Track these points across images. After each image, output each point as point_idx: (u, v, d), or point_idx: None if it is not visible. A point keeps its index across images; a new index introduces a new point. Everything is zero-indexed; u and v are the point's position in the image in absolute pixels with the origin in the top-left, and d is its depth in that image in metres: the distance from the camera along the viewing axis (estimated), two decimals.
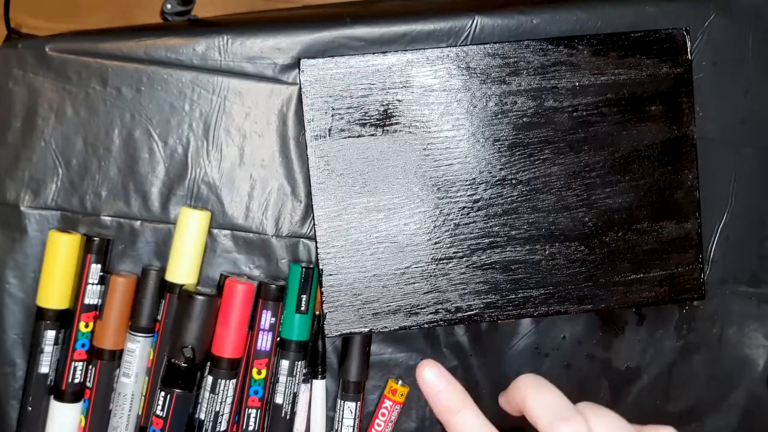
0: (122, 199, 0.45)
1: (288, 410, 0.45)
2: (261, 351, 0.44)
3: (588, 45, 0.42)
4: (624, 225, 0.42)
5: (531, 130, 0.42)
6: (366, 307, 0.43)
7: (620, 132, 0.42)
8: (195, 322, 0.42)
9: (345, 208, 0.42)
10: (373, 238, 0.42)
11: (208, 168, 0.46)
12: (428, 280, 0.43)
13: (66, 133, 0.45)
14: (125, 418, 0.44)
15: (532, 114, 0.42)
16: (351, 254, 0.43)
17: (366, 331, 0.43)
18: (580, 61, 0.42)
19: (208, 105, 0.46)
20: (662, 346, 0.49)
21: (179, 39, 0.45)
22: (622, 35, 0.42)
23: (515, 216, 0.42)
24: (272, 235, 0.46)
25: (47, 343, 0.43)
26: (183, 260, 0.44)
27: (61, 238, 0.43)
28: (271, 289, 0.44)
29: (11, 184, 0.45)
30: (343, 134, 0.42)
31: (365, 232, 0.43)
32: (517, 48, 0.42)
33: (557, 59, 0.42)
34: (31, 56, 0.45)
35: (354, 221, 0.42)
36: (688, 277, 0.43)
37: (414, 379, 0.48)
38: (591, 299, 0.43)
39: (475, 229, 0.42)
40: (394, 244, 0.43)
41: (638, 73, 0.42)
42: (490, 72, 0.42)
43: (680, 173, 0.42)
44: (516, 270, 0.42)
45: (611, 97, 0.42)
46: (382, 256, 0.43)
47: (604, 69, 0.42)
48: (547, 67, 0.42)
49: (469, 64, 0.42)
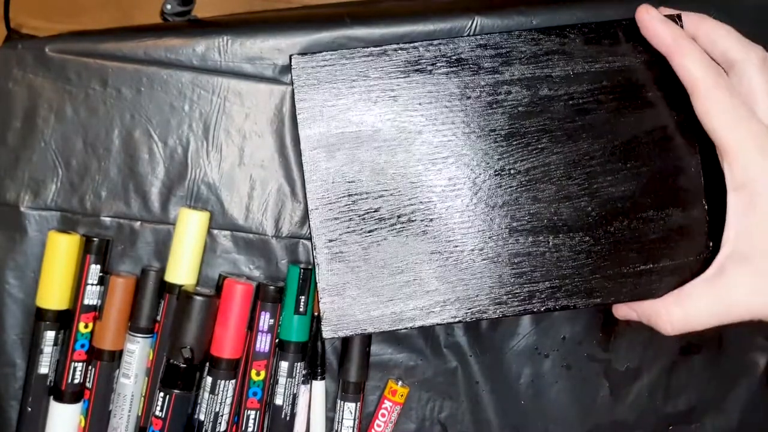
0: (122, 199, 0.46)
1: (288, 411, 0.45)
2: (260, 352, 0.44)
3: (580, 33, 0.41)
4: (629, 214, 0.41)
5: (527, 119, 0.41)
6: (365, 306, 0.42)
7: (618, 119, 0.41)
8: (194, 323, 0.42)
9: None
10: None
11: (208, 168, 0.46)
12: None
13: (66, 133, 0.45)
14: (125, 418, 0.44)
15: (527, 103, 0.41)
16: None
17: (366, 332, 0.42)
18: (573, 49, 0.41)
19: (207, 105, 0.46)
20: (662, 346, 0.49)
21: (179, 39, 0.45)
22: (613, 23, 0.41)
23: (516, 207, 0.41)
24: (272, 236, 0.46)
25: (47, 344, 0.43)
26: (182, 261, 0.44)
27: (61, 238, 0.43)
28: (269, 290, 0.44)
29: (11, 184, 0.45)
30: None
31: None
32: (508, 38, 0.41)
33: (549, 48, 0.41)
34: (31, 57, 0.45)
35: None
36: (700, 267, 0.40)
37: (414, 379, 0.48)
38: (600, 292, 0.41)
39: (476, 222, 0.41)
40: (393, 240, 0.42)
41: (633, 60, 0.41)
42: (482, 63, 0.41)
43: (683, 159, 0.41)
44: (520, 263, 0.41)
45: (607, 84, 0.41)
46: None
47: (598, 57, 0.41)
48: (540, 56, 0.41)
49: (460, 56, 0.41)
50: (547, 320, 0.48)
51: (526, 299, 0.41)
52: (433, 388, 0.48)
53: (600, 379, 0.49)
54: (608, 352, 0.49)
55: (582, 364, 0.49)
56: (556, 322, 0.48)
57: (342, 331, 0.41)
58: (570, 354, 0.49)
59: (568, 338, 0.49)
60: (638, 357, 0.49)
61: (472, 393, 0.48)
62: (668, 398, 0.49)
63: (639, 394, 0.49)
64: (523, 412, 0.49)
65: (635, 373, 0.49)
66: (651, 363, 0.49)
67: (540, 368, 0.49)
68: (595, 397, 0.49)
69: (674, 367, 0.49)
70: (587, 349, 0.49)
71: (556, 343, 0.49)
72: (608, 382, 0.49)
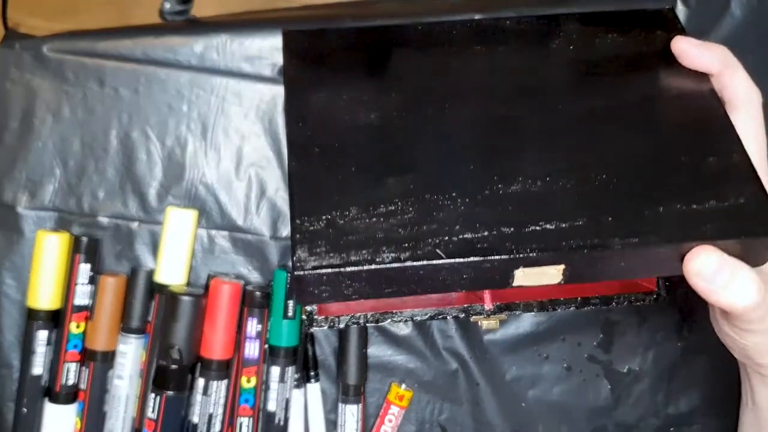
0: (120, 200, 0.45)
1: (281, 417, 0.44)
2: (249, 359, 0.44)
3: (575, 21, 0.40)
4: (663, 160, 0.35)
5: (529, 95, 0.37)
6: (345, 239, 0.32)
7: (631, 83, 0.38)
8: (181, 323, 0.42)
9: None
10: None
11: (206, 169, 0.46)
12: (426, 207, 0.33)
13: (63, 133, 0.45)
14: (120, 420, 0.44)
15: (529, 79, 0.38)
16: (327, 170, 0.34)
17: (342, 265, 0.31)
18: (572, 31, 0.40)
19: (206, 105, 0.45)
20: (663, 347, 0.49)
21: (177, 39, 0.45)
22: (608, 13, 0.40)
23: (536, 150, 0.35)
24: (270, 237, 0.46)
25: (39, 344, 0.43)
26: (171, 260, 0.44)
27: (49, 237, 0.43)
28: (255, 296, 0.44)
29: (8, 184, 0.45)
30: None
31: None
32: (498, 20, 0.40)
33: (547, 31, 0.40)
34: (29, 56, 0.44)
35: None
36: (755, 208, 0.33)
37: (415, 381, 0.48)
38: (636, 232, 0.33)
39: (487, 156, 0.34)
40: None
41: (634, 37, 0.40)
42: (476, 40, 0.39)
43: (708, 110, 0.37)
44: (537, 201, 0.33)
45: (611, 59, 0.39)
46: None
47: (597, 35, 0.40)
48: (539, 35, 0.40)
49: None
50: (547, 321, 0.48)
51: (543, 237, 0.32)
52: (433, 390, 0.48)
53: (601, 380, 0.49)
54: (609, 353, 0.49)
55: (582, 366, 0.49)
56: (556, 323, 0.48)
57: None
58: (570, 355, 0.48)
59: (567, 339, 0.48)
60: (639, 358, 0.49)
61: (473, 395, 0.48)
62: (669, 399, 0.49)
63: (640, 396, 0.49)
64: (523, 413, 0.48)
65: (636, 375, 0.49)
66: (652, 364, 0.49)
67: (540, 370, 0.48)
68: (595, 399, 0.49)
69: (675, 368, 0.49)
70: (587, 351, 0.49)
71: (556, 344, 0.48)
72: (609, 384, 0.49)
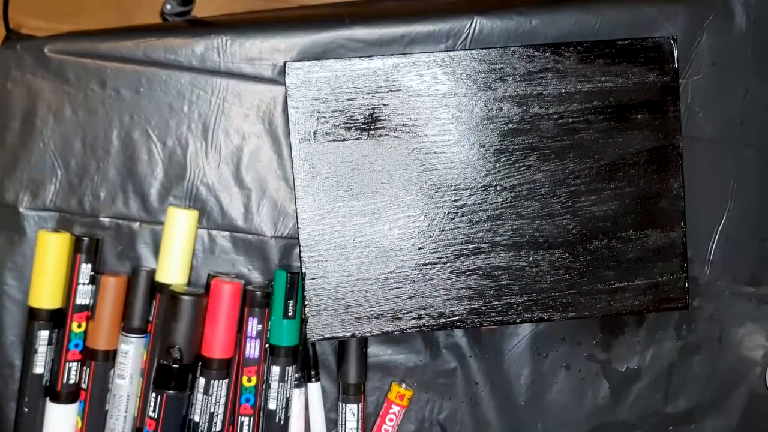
0: (121, 200, 0.45)
1: (282, 415, 0.45)
2: (250, 359, 0.44)
3: (575, 52, 0.42)
4: (609, 233, 0.43)
5: (517, 136, 0.42)
6: (349, 312, 0.43)
7: (606, 140, 0.42)
8: (181, 322, 0.42)
9: (329, 211, 0.42)
10: (357, 242, 0.43)
11: (207, 169, 0.46)
12: (412, 285, 0.43)
13: (65, 134, 0.45)
14: (121, 419, 0.44)
15: (518, 120, 0.42)
16: (334, 258, 0.43)
17: (348, 336, 0.43)
18: (567, 68, 0.42)
19: (206, 106, 0.45)
20: (662, 346, 0.49)
21: (178, 40, 0.45)
22: (609, 42, 0.42)
23: (500, 222, 0.42)
24: (270, 237, 0.46)
25: (41, 343, 0.43)
26: (171, 260, 0.44)
27: (50, 237, 0.43)
28: (256, 296, 0.44)
29: (10, 185, 0.45)
30: (329, 137, 0.42)
31: (349, 236, 0.43)
32: (503, 54, 0.42)
33: (544, 66, 0.42)
34: (30, 57, 0.44)
35: (338, 225, 0.43)
36: (673, 285, 0.43)
37: (414, 380, 0.48)
38: (575, 307, 0.43)
39: (460, 235, 0.42)
40: (378, 249, 0.43)
41: (625, 81, 0.42)
42: (477, 77, 0.42)
43: (666, 182, 0.43)
44: (500, 276, 0.43)
45: (597, 105, 0.42)
46: (365, 261, 0.43)
47: (591, 76, 0.42)
48: (534, 73, 0.42)
49: (455, 70, 0.42)
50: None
51: (504, 311, 0.43)
52: (432, 388, 0.48)
53: (600, 379, 0.49)
54: (608, 352, 0.49)
55: (581, 365, 0.49)
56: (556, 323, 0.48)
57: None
58: (569, 354, 0.49)
59: (567, 339, 0.48)
60: (638, 357, 0.49)
61: (472, 394, 0.48)
62: (668, 399, 0.49)
63: (639, 395, 0.49)
64: (522, 412, 0.48)
65: (635, 374, 0.49)
66: (651, 363, 0.49)
67: (539, 369, 0.48)
68: (594, 398, 0.49)
69: (674, 367, 0.49)
70: (587, 350, 0.49)
71: (555, 343, 0.48)
72: (608, 383, 0.49)
